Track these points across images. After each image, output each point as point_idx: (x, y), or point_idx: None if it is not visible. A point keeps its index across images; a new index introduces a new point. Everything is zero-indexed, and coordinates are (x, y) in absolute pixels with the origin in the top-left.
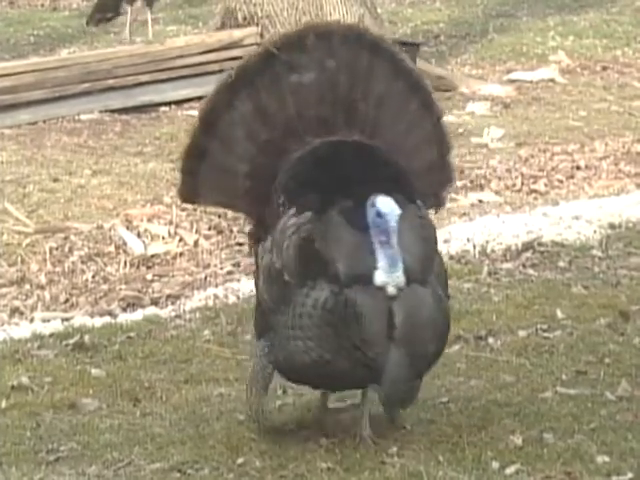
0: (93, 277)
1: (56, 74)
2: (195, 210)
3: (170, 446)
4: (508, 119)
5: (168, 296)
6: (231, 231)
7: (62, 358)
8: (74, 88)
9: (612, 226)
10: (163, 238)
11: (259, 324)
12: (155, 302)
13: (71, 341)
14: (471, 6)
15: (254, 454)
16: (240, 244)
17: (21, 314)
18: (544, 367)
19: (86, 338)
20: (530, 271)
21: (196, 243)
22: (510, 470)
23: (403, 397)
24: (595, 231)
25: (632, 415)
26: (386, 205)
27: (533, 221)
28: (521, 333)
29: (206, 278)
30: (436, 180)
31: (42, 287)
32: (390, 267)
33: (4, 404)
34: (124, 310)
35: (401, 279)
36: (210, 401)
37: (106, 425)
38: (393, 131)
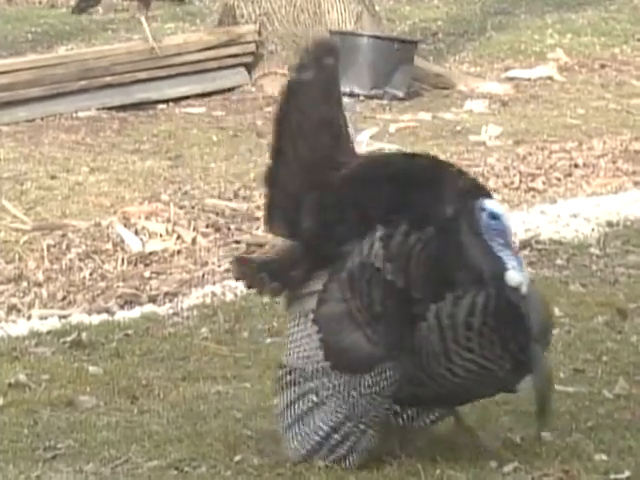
0: (90, 274)
1: (54, 71)
2: (193, 208)
3: (167, 444)
4: (506, 117)
5: (166, 294)
6: (229, 229)
7: (59, 355)
8: (72, 85)
9: (610, 224)
10: (161, 236)
11: (349, 359)
12: (153, 300)
13: (68, 338)
14: (469, 4)
15: (252, 452)
16: (238, 242)
17: (18, 311)
18: None
19: (83, 335)
20: (528, 269)
21: (194, 241)
22: (508, 468)
23: (551, 393)
24: (593, 229)
25: (630, 413)
26: (496, 206)
27: (531, 219)
28: None
29: (204, 276)
30: None
31: (39, 284)
32: (519, 266)
33: (1, 401)
34: (122, 307)
35: (528, 277)
36: (207, 399)
37: (103, 422)
38: None
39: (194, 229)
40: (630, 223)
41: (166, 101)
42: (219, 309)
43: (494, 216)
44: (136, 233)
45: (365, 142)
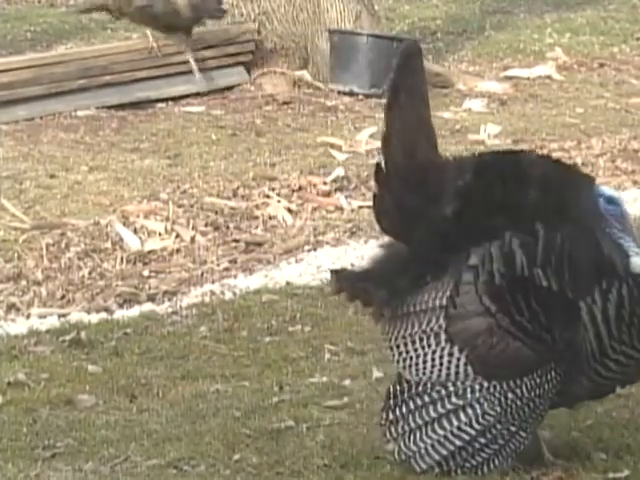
0: (89, 273)
1: (53, 70)
2: (192, 206)
3: (166, 442)
4: (505, 116)
5: (165, 292)
6: (227, 227)
7: (59, 354)
8: (71, 84)
9: None
10: (160, 234)
11: (509, 369)
12: (152, 298)
13: (67, 337)
14: (468, 3)
15: (250, 450)
16: (236, 241)
17: (17, 310)
18: None
19: (82, 334)
20: None
21: (193, 239)
22: (507, 467)
23: None
24: None
25: (629, 412)
26: (612, 191)
27: None
28: None
29: (203, 274)
30: None
31: (38, 283)
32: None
33: (0, 400)
34: (120, 306)
35: None
36: (206, 397)
37: (102, 421)
38: None
39: (193, 228)
40: None
41: (165, 100)
42: (218, 308)
43: (611, 200)
44: (135, 232)
45: (364, 141)
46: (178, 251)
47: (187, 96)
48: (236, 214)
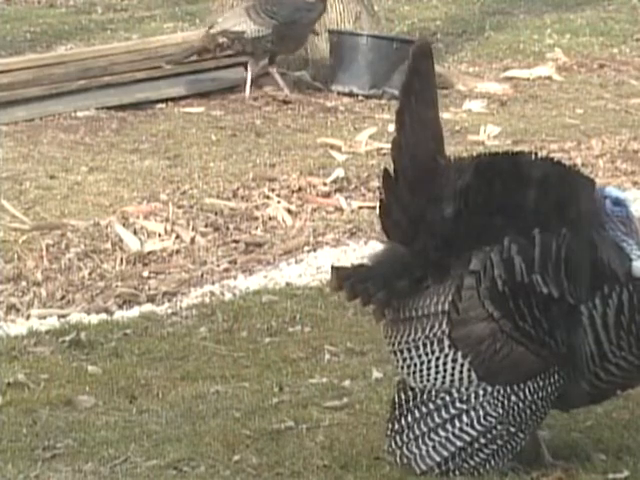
0: (89, 274)
1: (53, 71)
2: (191, 207)
3: (166, 443)
4: (505, 117)
5: (164, 293)
6: (227, 228)
7: (58, 355)
8: (71, 85)
9: None
10: (159, 235)
11: (513, 373)
12: (151, 299)
13: (67, 338)
14: (468, 3)
15: (250, 451)
16: (236, 241)
17: (17, 311)
18: None
19: (82, 335)
20: None
21: (192, 240)
22: (507, 468)
23: None
24: None
25: (629, 413)
26: (619, 192)
27: None
28: None
29: (202, 275)
30: None
31: (38, 284)
32: None
33: (0, 401)
34: (120, 307)
35: None
36: (206, 398)
37: (102, 422)
38: None
39: (193, 229)
40: None
41: (165, 100)
42: (218, 309)
43: (617, 202)
44: (135, 233)
45: (364, 142)
46: (178, 252)
47: (187, 97)
48: (236, 215)
